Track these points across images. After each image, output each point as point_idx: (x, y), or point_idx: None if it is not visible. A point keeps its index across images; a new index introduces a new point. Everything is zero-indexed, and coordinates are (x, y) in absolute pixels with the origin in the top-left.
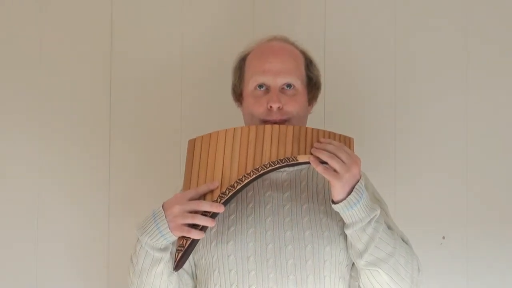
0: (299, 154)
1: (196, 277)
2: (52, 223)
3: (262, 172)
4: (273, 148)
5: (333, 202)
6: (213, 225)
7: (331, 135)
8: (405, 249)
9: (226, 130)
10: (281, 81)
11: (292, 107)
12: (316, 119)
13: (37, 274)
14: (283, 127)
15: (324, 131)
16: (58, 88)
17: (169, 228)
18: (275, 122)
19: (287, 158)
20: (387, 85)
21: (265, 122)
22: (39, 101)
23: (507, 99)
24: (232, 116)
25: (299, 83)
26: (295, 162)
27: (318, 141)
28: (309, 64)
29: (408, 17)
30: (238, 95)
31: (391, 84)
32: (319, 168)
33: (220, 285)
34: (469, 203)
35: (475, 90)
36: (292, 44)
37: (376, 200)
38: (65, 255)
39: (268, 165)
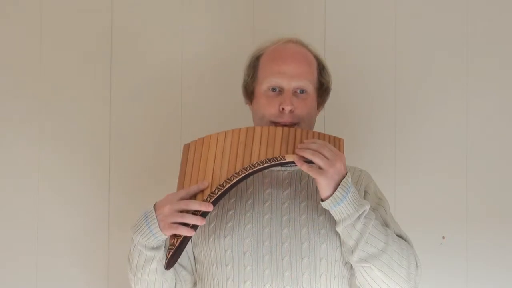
0: (287, 154)
1: (197, 271)
2: (52, 224)
3: (250, 171)
4: (262, 148)
5: (322, 200)
6: (203, 223)
7: (321, 136)
8: (399, 245)
9: (218, 133)
10: (295, 84)
11: (303, 111)
12: (317, 120)
13: (37, 274)
14: (272, 128)
15: (313, 132)
16: (58, 93)
17: (160, 228)
18: (285, 125)
19: (275, 157)
20: (387, 86)
21: (275, 123)
22: (39, 106)
23: (507, 100)
24: (232, 118)
25: (311, 88)
26: (283, 161)
27: (302, 142)
28: (321, 69)
29: (408, 18)
30: (250, 93)
31: (391, 85)
32: (304, 167)
33: (218, 279)
34: (469, 203)
35: (476, 91)
36: (307, 47)
37: (378, 199)
38: (65, 255)
39: (256, 165)
